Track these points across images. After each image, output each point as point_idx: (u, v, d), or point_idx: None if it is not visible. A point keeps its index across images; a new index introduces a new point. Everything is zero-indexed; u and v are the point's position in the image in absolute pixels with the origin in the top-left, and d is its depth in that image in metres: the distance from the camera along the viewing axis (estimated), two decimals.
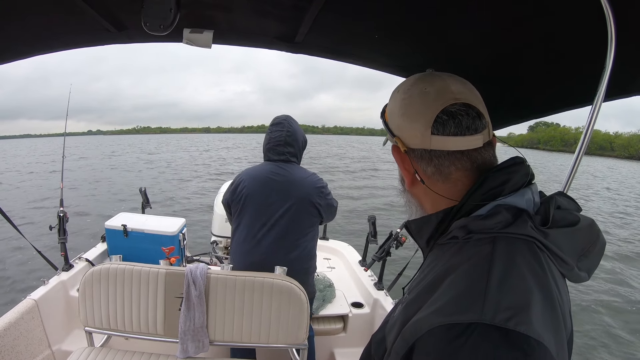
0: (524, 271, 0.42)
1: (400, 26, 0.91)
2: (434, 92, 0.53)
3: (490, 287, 0.40)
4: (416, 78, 0.58)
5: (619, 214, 11.42)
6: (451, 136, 0.51)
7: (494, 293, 0.39)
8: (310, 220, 1.69)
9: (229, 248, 2.97)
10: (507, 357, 0.35)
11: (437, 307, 0.41)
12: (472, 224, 0.48)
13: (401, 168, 0.58)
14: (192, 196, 11.13)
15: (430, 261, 0.54)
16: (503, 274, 0.41)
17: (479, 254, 0.45)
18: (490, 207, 0.48)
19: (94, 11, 0.85)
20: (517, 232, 0.45)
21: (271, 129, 1.73)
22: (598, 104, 0.69)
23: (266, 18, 0.92)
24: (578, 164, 0.78)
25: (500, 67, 1.00)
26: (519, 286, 0.40)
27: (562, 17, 0.70)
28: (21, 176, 17.34)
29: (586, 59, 0.77)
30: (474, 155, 0.52)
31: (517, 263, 0.43)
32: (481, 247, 0.45)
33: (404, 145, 0.55)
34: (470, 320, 0.37)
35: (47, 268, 2.19)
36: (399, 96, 0.57)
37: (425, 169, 0.54)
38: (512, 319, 0.37)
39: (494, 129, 1.49)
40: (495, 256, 0.43)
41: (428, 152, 0.53)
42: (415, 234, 0.59)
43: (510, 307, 0.38)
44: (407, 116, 0.54)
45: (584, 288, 5.17)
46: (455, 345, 0.36)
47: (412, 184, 0.57)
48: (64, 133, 2.73)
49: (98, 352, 1.51)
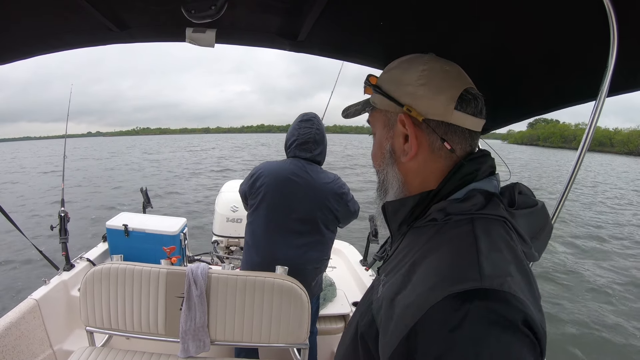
0: (502, 245, 0.46)
1: (404, 23, 0.92)
2: (455, 72, 0.58)
3: (481, 257, 0.43)
4: (429, 56, 0.59)
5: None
6: (470, 115, 0.55)
7: (486, 262, 0.42)
8: (326, 223, 1.67)
9: (231, 247, 2.97)
10: (508, 315, 0.37)
11: (433, 284, 0.42)
12: (450, 207, 0.51)
13: (398, 140, 0.57)
14: (193, 196, 11.14)
15: (407, 244, 0.55)
16: (488, 247, 0.45)
17: (460, 232, 0.48)
18: (466, 191, 0.53)
19: (96, 10, 0.85)
20: (491, 212, 0.50)
21: (300, 125, 1.68)
22: (602, 99, 0.69)
23: (269, 14, 0.92)
24: (582, 158, 0.78)
25: (503, 64, 1.00)
26: (502, 257, 0.44)
27: (563, 13, 0.70)
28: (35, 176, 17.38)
29: (589, 54, 0.77)
30: (474, 138, 0.58)
31: (495, 238, 0.47)
32: (461, 227, 0.49)
33: (421, 115, 0.55)
34: (471, 287, 0.39)
35: (48, 267, 2.20)
36: (418, 67, 0.57)
37: (433, 143, 0.55)
38: (505, 284, 0.40)
39: (497, 127, 1.49)
40: (477, 233, 0.47)
41: (446, 125, 0.55)
42: (391, 217, 0.60)
43: (501, 274, 0.41)
44: (430, 86, 0.55)
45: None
46: (461, 312, 0.38)
47: (413, 157, 0.56)
48: (65, 134, 2.73)
49: (99, 351, 1.51)
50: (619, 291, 5.32)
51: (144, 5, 0.88)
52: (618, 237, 8.39)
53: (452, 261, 0.45)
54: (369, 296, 0.57)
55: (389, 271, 0.55)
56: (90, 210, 9.05)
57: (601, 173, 26.08)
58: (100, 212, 8.54)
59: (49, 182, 13.68)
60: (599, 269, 6.14)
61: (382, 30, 0.97)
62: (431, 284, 0.43)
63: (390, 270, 0.55)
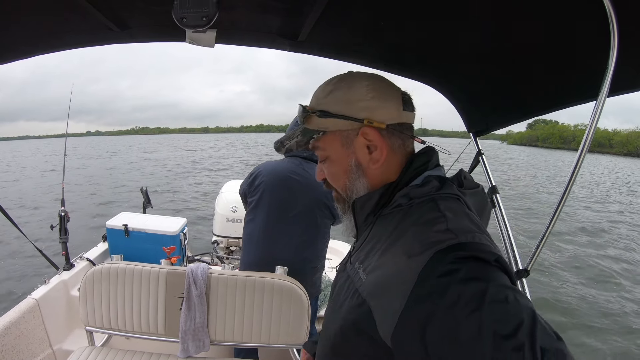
0: (462, 214, 0.54)
1: (405, 25, 0.92)
2: (389, 81, 0.65)
3: (450, 222, 0.51)
4: (357, 73, 0.65)
5: None
6: (411, 112, 0.64)
7: (455, 225, 0.50)
8: (323, 221, 1.69)
9: (231, 247, 2.97)
10: (486, 256, 0.46)
11: (416, 252, 0.48)
12: (412, 192, 0.58)
13: (362, 152, 0.62)
14: (193, 196, 11.13)
15: (377, 231, 0.60)
16: (452, 215, 0.52)
17: (426, 209, 0.55)
18: (422, 178, 0.60)
19: (96, 10, 0.85)
20: (447, 192, 0.58)
21: (298, 124, 1.70)
22: (602, 99, 0.69)
23: (270, 14, 0.92)
24: (582, 158, 0.78)
25: (503, 64, 1.00)
26: (466, 221, 0.53)
27: (564, 14, 0.70)
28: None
29: (589, 55, 0.77)
30: (412, 132, 0.64)
31: (456, 209, 0.55)
32: (426, 205, 0.56)
33: (381, 123, 0.60)
34: (451, 243, 0.47)
35: (48, 267, 2.19)
36: (361, 83, 0.61)
37: (394, 144, 0.62)
38: (476, 237, 0.49)
39: (498, 128, 1.49)
40: (440, 207, 0.54)
41: (400, 126, 0.62)
42: (358, 211, 0.64)
43: (470, 231, 0.50)
44: (380, 97, 0.61)
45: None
46: (451, 261, 0.45)
47: (376, 161, 0.61)
48: (65, 133, 2.73)
49: (99, 351, 1.51)
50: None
51: (144, 5, 0.88)
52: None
53: (427, 230, 0.51)
54: (350, 287, 0.59)
55: (363, 259, 0.59)
56: (90, 210, 9.05)
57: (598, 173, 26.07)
58: (100, 212, 8.53)
59: (49, 181, 13.68)
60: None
61: (382, 31, 0.97)
62: (415, 252, 0.48)
63: (364, 257, 0.59)
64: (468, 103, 1.35)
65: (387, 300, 0.49)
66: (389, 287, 0.50)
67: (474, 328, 0.40)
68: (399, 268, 0.49)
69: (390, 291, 0.49)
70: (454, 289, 0.43)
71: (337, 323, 0.59)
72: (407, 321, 0.46)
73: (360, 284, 0.56)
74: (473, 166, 1.46)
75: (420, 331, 0.44)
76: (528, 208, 10.80)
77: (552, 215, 0.90)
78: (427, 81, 1.28)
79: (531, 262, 1.04)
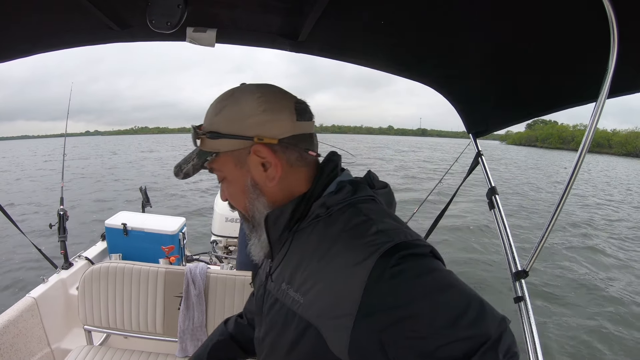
0: (384, 214, 0.56)
1: (405, 25, 0.92)
2: (281, 90, 0.62)
3: (379, 225, 0.51)
4: (247, 86, 0.62)
5: None
6: (307, 121, 0.61)
7: (384, 226, 0.51)
8: None
9: (230, 247, 2.97)
10: (423, 251, 0.49)
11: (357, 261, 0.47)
12: (329, 200, 0.57)
13: (257, 170, 0.58)
14: (193, 196, 11.12)
15: (297, 246, 0.58)
16: (377, 217, 0.53)
17: (350, 215, 0.54)
18: (335, 184, 0.59)
19: (96, 9, 0.85)
20: (363, 194, 0.58)
21: None
22: (602, 101, 0.69)
23: (270, 14, 0.92)
24: (583, 158, 0.78)
25: (503, 65, 1.00)
26: (391, 220, 0.54)
27: (564, 15, 0.70)
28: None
29: (589, 56, 0.77)
30: (313, 140, 0.62)
31: (377, 210, 0.56)
32: (347, 212, 0.55)
33: (272, 139, 0.57)
34: (389, 245, 0.47)
35: (47, 266, 2.19)
36: (252, 97, 0.58)
37: (290, 158, 0.59)
38: (408, 235, 0.50)
39: (498, 129, 1.48)
40: (363, 211, 0.54)
41: (295, 138, 0.58)
42: (271, 226, 0.60)
43: (400, 230, 0.51)
44: (271, 110, 0.57)
45: None
46: (395, 263, 0.45)
47: (272, 179, 0.58)
48: (65, 132, 2.73)
49: (97, 350, 1.50)
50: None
51: (144, 4, 0.88)
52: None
53: (360, 236, 0.50)
54: (283, 311, 0.57)
55: (289, 278, 0.57)
56: (89, 209, 9.03)
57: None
58: (99, 211, 8.52)
59: (48, 181, 13.66)
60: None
61: (382, 31, 0.97)
62: (356, 261, 0.48)
63: (290, 277, 0.56)
64: (468, 104, 1.35)
65: (335, 315, 0.48)
66: (336, 302, 0.48)
67: (438, 316, 0.42)
68: (341, 279, 0.48)
69: (337, 305, 0.48)
70: (407, 288, 0.44)
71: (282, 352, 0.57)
72: (361, 332, 0.45)
73: (297, 306, 0.53)
74: (473, 167, 1.46)
75: (379, 337, 0.44)
76: (519, 205, 10.83)
77: (551, 216, 0.90)
78: (427, 82, 1.28)
79: (530, 263, 1.04)
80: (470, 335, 0.41)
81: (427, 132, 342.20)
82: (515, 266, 1.11)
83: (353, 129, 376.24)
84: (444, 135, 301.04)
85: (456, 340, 0.41)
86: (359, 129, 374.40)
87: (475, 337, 0.41)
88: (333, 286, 0.49)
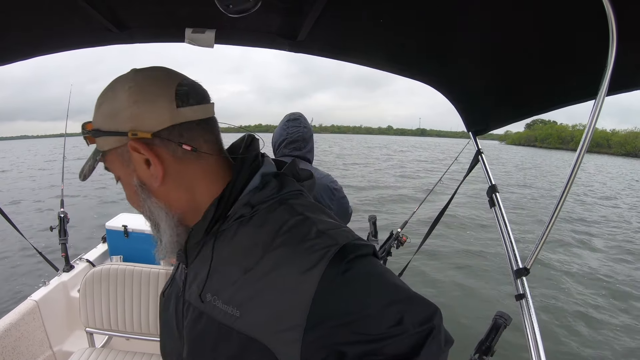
0: (318, 210, 0.53)
1: (404, 24, 0.92)
2: (162, 73, 0.53)
3: (320, 225, 0.48)
4: (131, 72, 0.54)
5: None
6: (196, 105, 0.52)
7: (325, 227, 0.48)
8: None
9: None
10: (367, 251, 0.47)
11: (305, 267, 0.44)
12: (253, 198, 0.52)
13: (141, 169, 0.52)
14: None
15: (220, 253, 0.51)
16: (313, 215, 0.50)
17: (281, 215, 0.50)
18: (259, 178, 0.54)
19: (95, 11, 0.85)
20: (292, 189, 0.54)
21: (287, 124, 1.67)
22: (601, 98, 0.69)
23: (269, 14, 0.92)
24: (582, 156, 0.78)
25: (503, 63, 1.00)
26: (327, 218, 0.51)
27: (563, 13, 0.70)
28: None
29: (588, 53, 0.77)
30: (214, 127, 0.55)
31: (310, 207, 0.52)
32: (277, 210, 0.51)
33: (147, 133, 0.50)
34: (336, 249, 0.45)
35: (47, 269, 2.19)
36: (123, 87, 0.51)
37: (176, 151, 0.51)
38: (349, 236, 0.48)
39: (498, 127, 1.48)
40: (297, 209, 0.51)
41: (178, 127, 0.51)
42: (194, 234, 0.54)
43: (340, 229, 0.49)
44: (144, 100, 0.50)
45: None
46: (344, 266, 0.44)
47: (162, 176, 0.52)
48: (64, 133, 2.73)
49: (99, 352, 1.50)
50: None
51: (143, 6, 0.88)
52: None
53: (301, 240, 0.47)
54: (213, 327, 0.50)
55: (216, 289, 0.50)
56: (89, 211, 9.03)
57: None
58: (100, 212, 8.52)
59: (48, 182, 13.65)
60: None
61: (382, 30, 0.97)
62: (300, 269, 0.44)
63: (219, 287, 0.50)
64: (467, 102, 1.35)
65: (282, 329, 0.44)
66: (281, 314, 0.44)
67: (387, 316, 0.42)
68: (286, 290, 0.44)
69: (283, 318, 0.44)
70: (358, 293, 0.43)
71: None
72: (312, 343, 0.42)
73: (233, 320, 0.47)
74: (473, 165, 1.46)
75: (331, 346, 0.42)
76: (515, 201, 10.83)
77: (551, 214, 0.90)
78: (427, 81, 1.28)
79: (531, 260, 1.04)
80: (418, 330, 0.42)
81: (427, 132, 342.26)
82: (516, 263, 1.11)
83: (352, 129, 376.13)
84: (443, 135, 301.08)
85: (406, 335, 0.41)
86: (358, 129, 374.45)
87: (422, 331, 0.42)
88: (276, 297, 0.45)
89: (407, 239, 2.26)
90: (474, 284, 5.00)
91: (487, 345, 1.17)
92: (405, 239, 2.25)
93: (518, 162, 32.49)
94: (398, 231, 2.28)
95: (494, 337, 1.17)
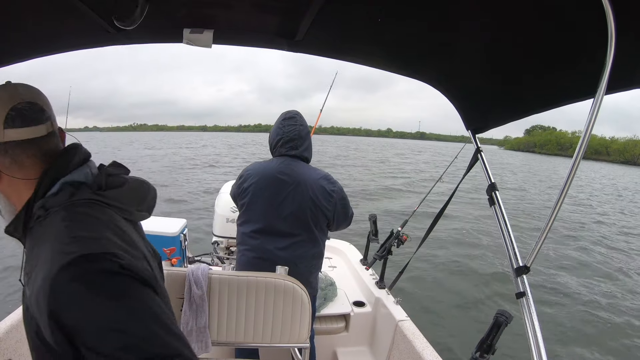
0: (93, 220, 0.60)
1: (402, 22, 0.91)
2: (6, 97, 0.64)
3: (76, 232, 0.56)
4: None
5: None
6: (19, 128, 0.63)
7: (81, 235, 0.56)
8: (317, 220, 1.64)
9: (231, 248, 2.97)
10: (106, 266, 0.53)
11: (48, 268, 0.52)
12: (47, 202, 0.62)
13: None
14: (193, 196, 11.12)
15: (30, 244, 0.63)
16: (79, 224, 0.58)
17: (55, 220, 0.59)
18: (59, 185, 0.63)
19: (92, 12, 0.85)
20: (81, 197, 0.62)
21: (283, 123, 1.66)
22: (600, 97, 0.69)
23: (267, 14, 0.92)
24: (580, 157, 0.78)
25: (502, 62, 1.00)
26: (94, 228, 0.59)
27: (562, 11, 0.70)
28: None
29: (587, 52, 0.77)
30: (40, 144, 0.65)
31: (85, 217, 0.60)
32: (56, 216, 0.60)
33: None
34: (74, 256, 0.51)
35: None
36: None
37: (4, 162, 0.63)
38: (100, 247, 0.55)
39: (497, 125, 1.48)
40: (69, 217, 0.59)
41: (3, 145, 0.62)
42: (13, 231, 0.66)
43: (95, 239, 0.56)
44: None
45: None
46: (74, 276, 0.50)
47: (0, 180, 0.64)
48: (65, 129, 2.72)
49: None
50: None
51: (140, 6, 0.88)
52: None
53: (58, 243, 0.55)
54: (25, 300, 0.61)
55: (28, 272, 0.61)
56: None
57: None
58: None
59: None
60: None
61: (380, 29, 0.96)
62: (47, 268, 0.52)
63: (28, 272, 0.61)
64: (466, 101, 1.34)
65: (38, 314, 0.53)
66: (37, 302, 0.53)
67: (104, 330, 0.49)
68: (40, 282, 0.53)
69: (37, 307, 0.53)
70: (79, 301, 0.50)
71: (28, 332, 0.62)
72: (54, 332, 0.50)
73: (27, 300, 0.59)
74: (472, 164, 1.45)
75: (69, 340, 0.50)
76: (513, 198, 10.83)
77: (551, 212, 0.90)
78: (426, 79, 1.28)
79: (531, 259, 1.04)
80: (123, 346, 0.48)
81: (426, 135, 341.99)
82: (516, 262, 1.11)
83: (352, 131, 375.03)
84: (443, 139, 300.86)
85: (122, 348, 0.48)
86: (358, 131, 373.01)
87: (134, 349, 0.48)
88: (36, 287, 0.53)
89: (407, 238, 2.26)
90: (474, 283, 5.01)
91: (488, 343, 1.17)
92: (406, 237, 2.25)
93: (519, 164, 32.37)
94: (398, 230, 2.28)
95: (495, 335, 1.17)
